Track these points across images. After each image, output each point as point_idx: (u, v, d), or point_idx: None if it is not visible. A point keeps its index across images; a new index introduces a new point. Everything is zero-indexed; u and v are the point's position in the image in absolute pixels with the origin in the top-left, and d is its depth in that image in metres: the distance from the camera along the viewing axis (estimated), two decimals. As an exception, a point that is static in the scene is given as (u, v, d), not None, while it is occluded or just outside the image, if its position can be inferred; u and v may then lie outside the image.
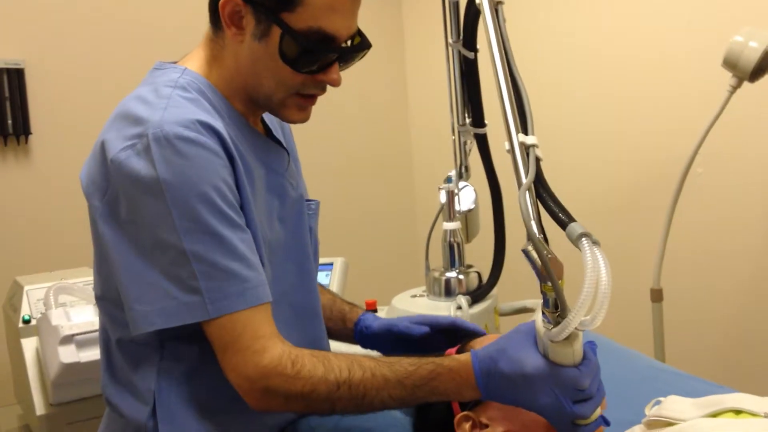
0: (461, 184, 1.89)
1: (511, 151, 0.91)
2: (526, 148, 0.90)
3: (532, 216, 0.84)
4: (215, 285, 0.91)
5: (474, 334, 1.17)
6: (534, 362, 0.86)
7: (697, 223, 2.30)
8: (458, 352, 1.08)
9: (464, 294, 1.80)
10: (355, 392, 0.92)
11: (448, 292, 1.85)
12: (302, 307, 1.15)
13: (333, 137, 3.11)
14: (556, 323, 0.81)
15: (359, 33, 1.06)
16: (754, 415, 0.86)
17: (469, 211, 1.89)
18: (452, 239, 1.85)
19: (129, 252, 0.95)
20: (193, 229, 0.91)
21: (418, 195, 3.42)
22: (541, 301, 0.85)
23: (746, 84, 1.82)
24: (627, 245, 2.51)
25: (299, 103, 1.05)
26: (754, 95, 1.92)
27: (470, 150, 1.86)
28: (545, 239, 0.84)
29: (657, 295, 2.08)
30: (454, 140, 1.83)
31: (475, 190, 1.89)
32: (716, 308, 2.31)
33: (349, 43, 1.05)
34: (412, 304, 1.87)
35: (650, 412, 0.99)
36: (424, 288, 1.96)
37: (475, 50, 1.67)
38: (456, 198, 1.86)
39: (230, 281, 0.92)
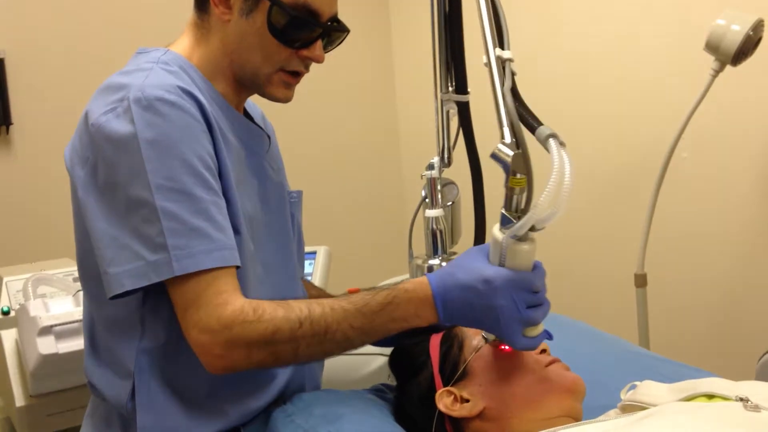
0: (445, 180, 1.86)
1: (488, 63, 0.95)
2: (502, 62, 0.94)
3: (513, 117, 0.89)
4: (182, 242, 0.92)
5: None
6: (492, 268, 0.91)
7: (681, 208, 2.30)
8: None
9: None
10: (317, 327, 0.93)
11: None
12: (284, 289, 1.17)
13: (317, 125, 3.09)
14: (519, 219, 0.86)
15: (337, 20, 1.11)
16: (726, 399, 0.86)
17: (451, 206, 1.87)
18: (435, 226, 1.84)
19: (105, 216, 0.96)
20: (166, 187, 0.92)
21: (402, 183, 3.40)
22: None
23: (729, 68, 1.82)
24: (611, 230, 2.51)
25: (284, 80, 1.09)
26: (736, 79, 1.91)
27: (456, 136, 1.83)
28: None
29: (641, 280, 2.08)
30: (437, 108, 1.80)
31: (458, 188, 1.88)
32: (700, 293, 2.31)
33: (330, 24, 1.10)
34: (396, 292, 1.87)
35: (625, 396, 0.99)
36: (407, 275, 1.95)
37: None
38: (439, 194, 1.84)
39: (198, 240, 0.93)
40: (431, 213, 1.85)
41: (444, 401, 1.00)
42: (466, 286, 0.91)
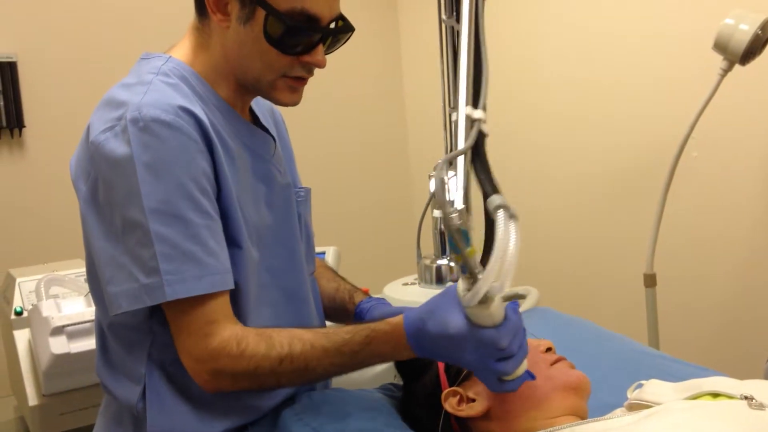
0: (451, 173, 1.87)
1: (457, 122, 0.93)
2: (471, 122, 0.91)
3: (461, 186, 0.88)
4: (174, 267, 0.93)
5: None
6: (457, 324, 0.89)
7: (690, 208, 2.29)
8: None
9: (454, 281, 1.80)
10: (297, 365, 0.97)
11: (440, 279, 1.86)
12: (292, 291, 1.16)
13: (326, 126, 3.10)
14: (470, 289, 0.85)
15: (342, 17, 1.08)
16: (731, 397, 0.86)
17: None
18: (442, 227, 1.84)
19: (104, 234, 0.97)
20: (160, 210, 0.93)
21: (411, 184, 3.41)
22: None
23: (737, 67, 1.82)
24: (620, 230, 2.51)
25: (290, 85, 1.07)
26: (745, 78, 1.91)
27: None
28: (467, 209, 0.87)
29: (650, 280, 2.08)
30: (445, 123, 1.82)
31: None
32: (710, 293, 2.31)
33: (332, 25, 1.07)
34: (404, 292, 1.88)
35: (632, 395, 0.99)
36: (415, 276, 1.96)
37: None
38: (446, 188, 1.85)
39: (189, 265, 0.94)
40: (439, 214, 1.86)
41: (450, 401, 1.01)
42: (434, 337, 0.92)
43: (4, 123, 2.37)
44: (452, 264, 1.84)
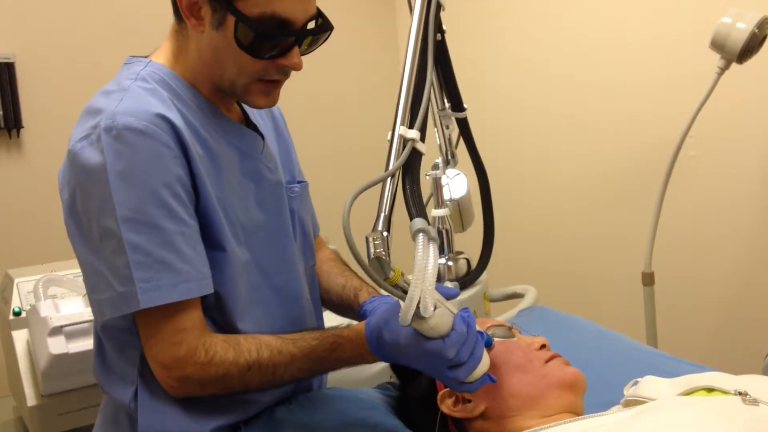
0: (453, 172, 1.87)
1: (390, 141, 0.94)
2: (404, 141, 0.91)
3: (385, 213, 0.90)
4: (148, 275, 0.94)
5: None
6: (406, 335, 0.91)
7: (688, 206, 2.30)
8: None
9: (452, 280, 1.80)
10: (265, 371, 0.99)
11: (438, 278, 1.86)
12: (285, 289, 1.16)
13: (326, 124, 3.10)
14: None
15: (320, 15, 1.07)
16: (725, 393, 0.86)
17: (461, 198, 1.88)
18: (441, 226, 1.84)
19: (84, 243, 0.98)
20: (132, 219, 0.94)
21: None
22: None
23: (734, 65, 1.82)
24: (618, 229, 2.51)
25: (263, 89, 1.06)
26: (742, 77, 1.91)
27: (457, 139, 1.85)
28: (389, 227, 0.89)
29: (648, 279, 2.08)
30: (436, 125, 1.82)
31: (466, 178, 1.89)
32: (708, 291, 2.31)
33: (312, 24, 1.05)
34: (402, 292, 1.87)
35: (628, 392, 1.00)
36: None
37: (441, 32, 1.65)
38: (447, 186, 1.85)
39: (163, 273, 0.95)
40: (437, 213, 1.86)
41: (446, 402, 1.01)
42: (389, 345, 0.94)
43: (2, 124, 2.38)
44: (450, 264, 1.84)
